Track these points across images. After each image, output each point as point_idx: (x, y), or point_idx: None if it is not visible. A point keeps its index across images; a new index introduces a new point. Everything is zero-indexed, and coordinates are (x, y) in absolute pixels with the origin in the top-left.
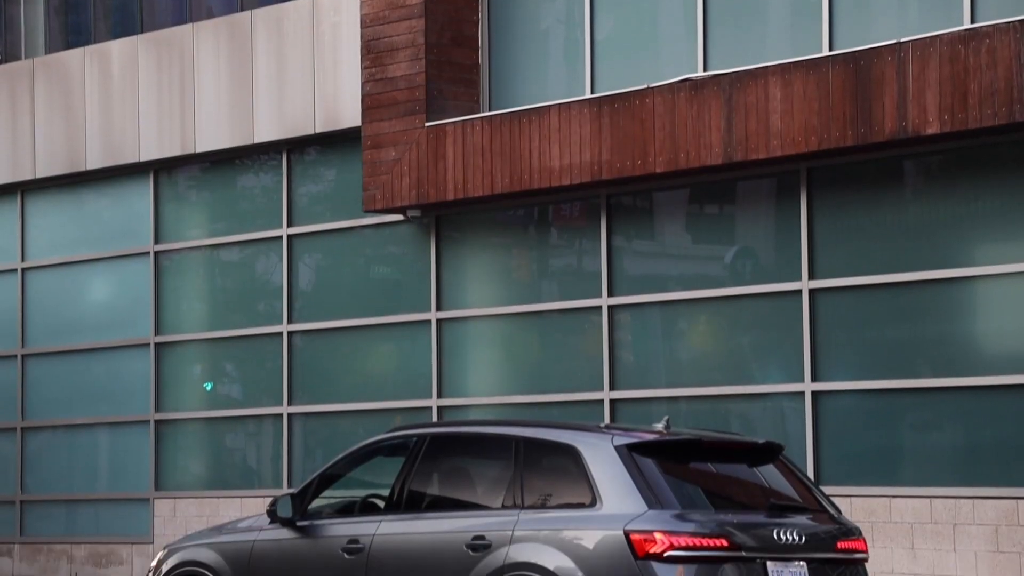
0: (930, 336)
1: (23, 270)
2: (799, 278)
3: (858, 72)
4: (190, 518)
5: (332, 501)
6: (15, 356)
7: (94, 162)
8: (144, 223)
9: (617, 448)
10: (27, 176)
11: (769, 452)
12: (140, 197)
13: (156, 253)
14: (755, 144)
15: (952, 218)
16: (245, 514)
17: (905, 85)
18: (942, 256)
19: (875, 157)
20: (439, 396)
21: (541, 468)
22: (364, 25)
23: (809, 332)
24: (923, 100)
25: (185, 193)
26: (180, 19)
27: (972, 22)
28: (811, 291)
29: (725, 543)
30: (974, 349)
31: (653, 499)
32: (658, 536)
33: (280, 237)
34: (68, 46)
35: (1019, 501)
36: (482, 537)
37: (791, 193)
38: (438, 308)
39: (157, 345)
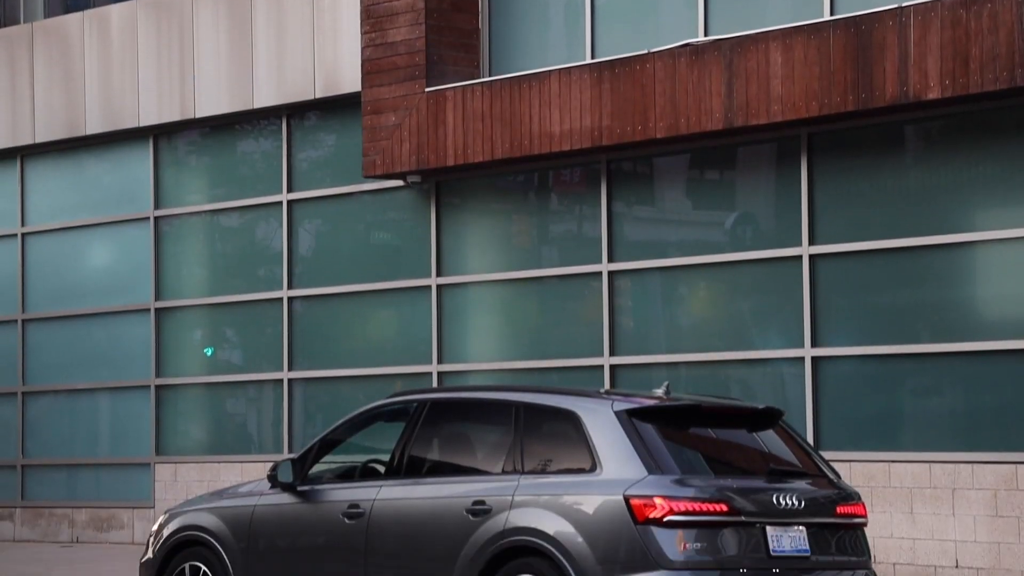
0: (930, 301)
1: (23, 235)
2: (799, 243)
3: (859, 37)
4: (191, 483)
5: (332, 466)
6: (15, 321)
7: (94, 127)
8: (144, 188)
9: (617, 414)
10: (27, 141)
11: (769, 417)
12: (140, 162)
13: (156, 218)
14: (756, 109)
15: (953, 183)
16: (246, 479)
17: (906, 50)
18: (942, 221)
19: (876, 122)
20: (439, 362)
21: (541, 433)
22: None
23: (809, 297)
24: (924, 65)
25: (185, 158)
26: None
27: None
28: (811, 256)
29: (725, 508)
30: (974, 314)
31: (653, 464)
32: (658, 501)
33: (280, 203)
34: (67, 10)
35: (1018, 466)
36: (482, 502)
37: (792, 159)
38: (438, 274)
39: (157, 310)
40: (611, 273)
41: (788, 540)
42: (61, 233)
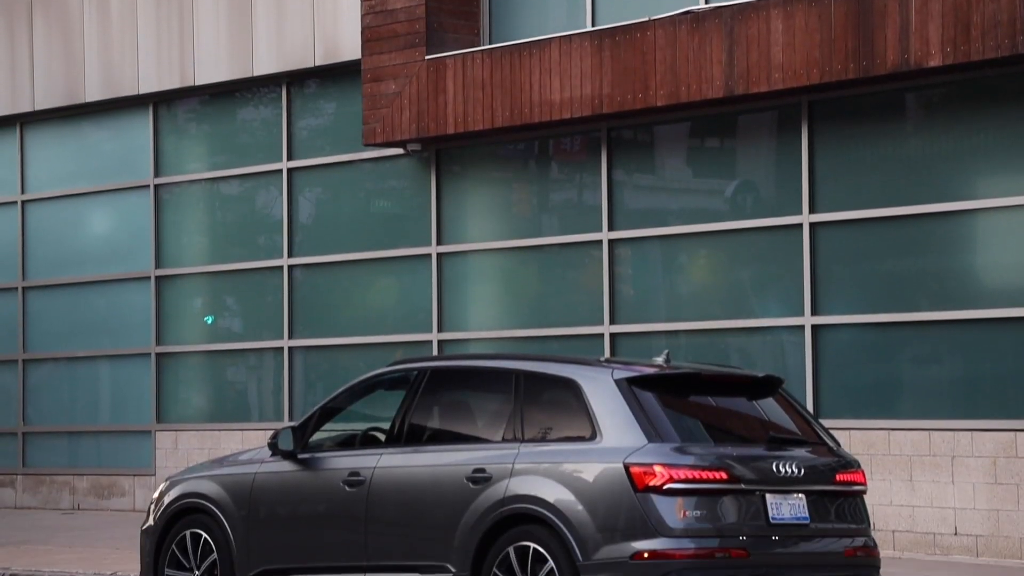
0: (930, 269)
1: (23, 202)
2: (800, 212)
3: (860, 4)
4: (191, 450)
5: (333, 434)
6: (16, 288)
7: (93, 94)
8: (144, 156)
9: (617, 382)
10: (26, 108)
11: (768, 385)
12: (140, 130)
13: (156, 186)
14: (756, 77)
15: (953, 151)
16: (246, 447)
17: (907, 17)
18: (943, 189)
19: (877, 90)
20: (439, 330)
21: (541, 402)
22: None
23: (809, 266)
24: (925, 32)
25: (185, 126)
26: None
27: None
28: (812, 225)
29: (724, 476)
30: (974, 282)
31: (653, 432)
32: (658, 469)
33: (280, 171)
34: None
35: (1017, 433)
36: (482, 470)
37: (792, 126)
38: (438, 242)
39: (158, 278)
40: (611, 241)
41: (788, 508)
42: (61, 201)
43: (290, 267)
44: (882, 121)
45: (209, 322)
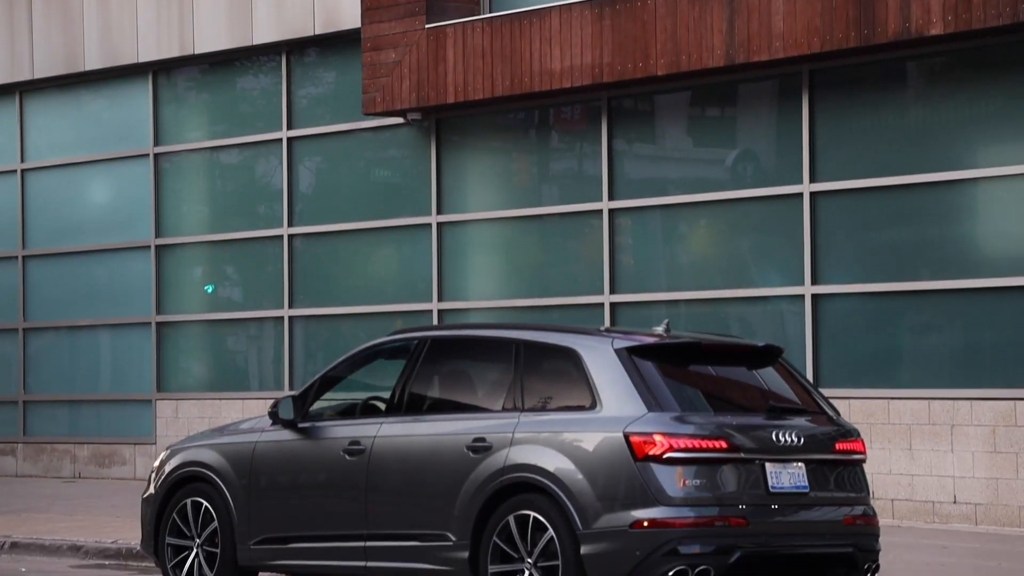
0: (930, 239)
1: (23, 171)
2: (800, 181)
3: None
4: (192, 419)
5: (333, 403)
6: (16, 257)
7: (92, 63)
8: (143, 125)
9: (617, 351)
10: (25, 77)
11: (768, 355)
12: (139, 99)
13: (156, 155)
14: (757, 46)
15: (954, 120)
16: (247, 416)
17: None
18: (944, 158)
19: (878, 59)
20: (439, 300)
21: (541, 371)
22: None
23: (809, 235)
24: (926, 1)
25: (184, 95)
26: None
27: None
28: (812, 194)
29: (724, 445)
30: (974, 251)
31: (653, 402)
32: (657, 438)
33: (280, 140)
34: None
35: (1017, 402)
36: (483, 439)
37: (793, 95)
38: (438, 212)
39: (158, 247)
40: (611, 211)
41: (787, 476)
42: (61, 170)
43: (290, 236)
44: (883, 90)
45: (209, 291)
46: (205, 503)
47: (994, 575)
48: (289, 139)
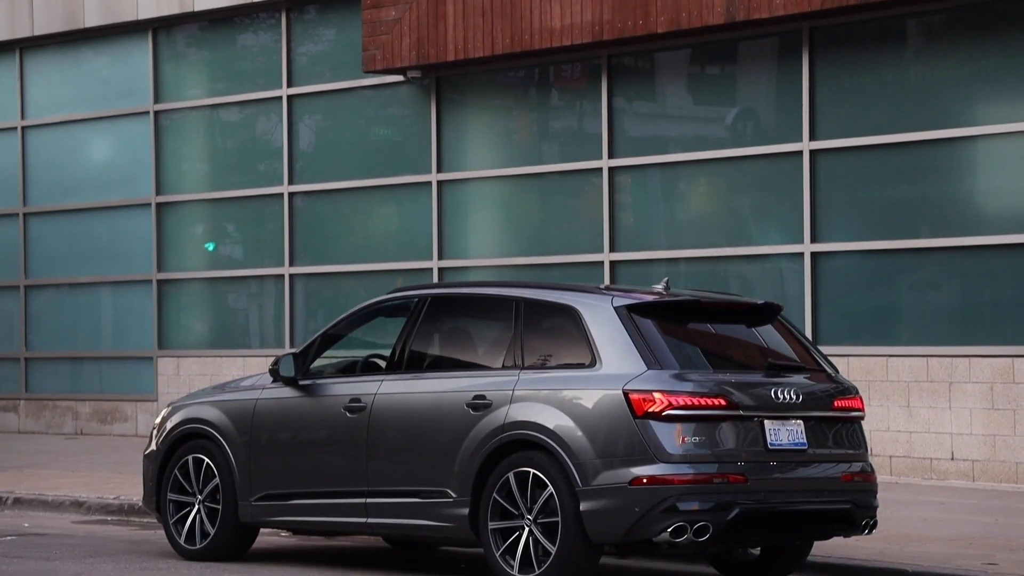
0: (930, 196)
1: (23, 128)
2: (800, 139)
3: None
4: (193, 376)
5: (334, 361)
6: (17, 215)
7: (92, 20)
8: (143, 82)
9: (617, 309)
10: (25, 33)
11: (767, 312)
12: (139, 56)
13: (156, 113)
14: (757, 3)
15: (954, 77)
16: (248, 373)
17: None
18: (944, 116)
19: (878, 16)
20: (440, 257)
21: (541, 329)
22: None
23: (809, 193)
24: None
25: (184, 52)
26: None
27: None
28: (812, 152)
29: (723, 402)
30: (973, 209)
31: (652, 359)
32: (656, 395)
33: (280, 97)
34: None
35: (1015, 359)
36: (483, 396)
37: (793, 53)
38: (439, 170)
39: (158, 205)
40: (611, 169)
41: (786, 433)
42: (61, 127)
43: (290, 194)
44: (883, 47)
45: (210, 249)
46: (206, 460)
47: (991, 531)
48: (289, 97)
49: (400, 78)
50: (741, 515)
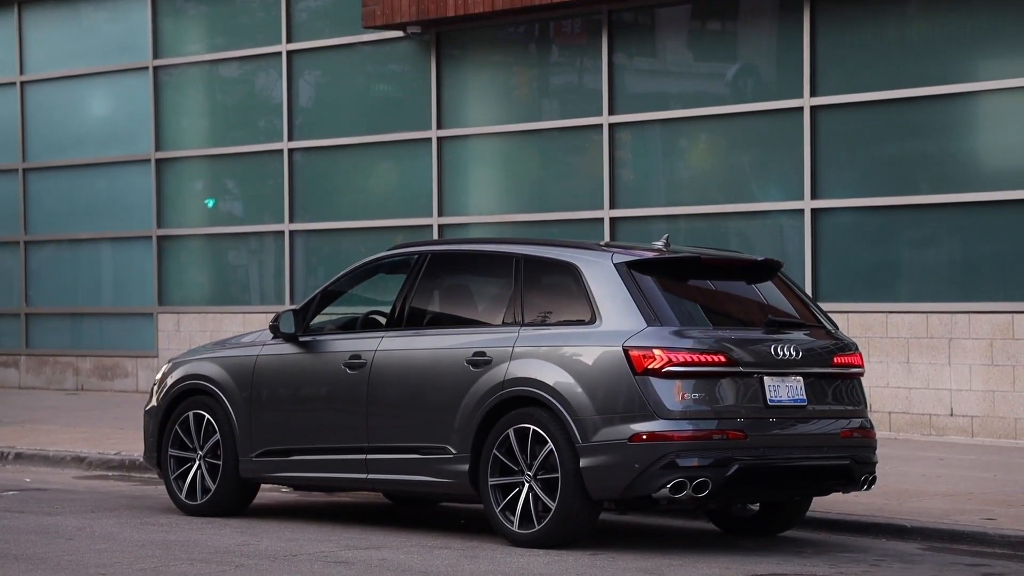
0: (930, 152)
1: (22, 83)
2: (800, 95)
3: None
4: (193, 332)
5: (334, 317)
6: (16, 170)
7: None
8: (142, 38)
9: (617, 266)
10: None
11: (767, 269)
12: (138, 11)
13: (155, 68)
14: None
15: (955, 33)
16: (248, 329)
17: None
18: (944, 71)
19: None
20: (440, 214)
21: (541, 286)
22: None
23: (809, 149)
24: None
25: (183, 7)
26: None
27: None
28: (812, 108)
29: (723, 359)
30: (974, 165)
31: (652, 316)
32: (656, 352)
33: (279, 53)
34: None
35: (1014, 315)
36: (483, 353)
37: (794, 9)
38: (439, 126)
39: (158, 161)
40: (612, 125)
41: (785, 390)
42: (60, 82)
43: (290, 151)
44: (884, 3)
45: (210, 205)
46: (207, 416)
47: (990, 486)
48: (289, 52)
49: (400, 34)
50: (740, 471)
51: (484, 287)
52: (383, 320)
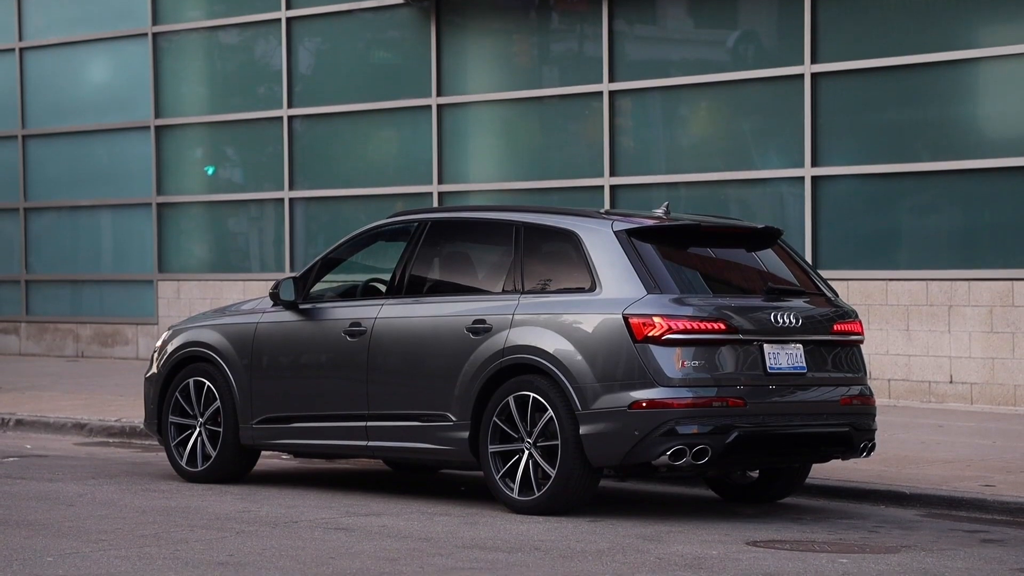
0: (931, 119)
1: (20, 49)
2: (801, 62)
3: None
4: (194, 300)
5: (334, 285)
6: (16, 136)
7: None
8: (141, 3)
9: (617, 233)
10: None
11: (768, 237)
12: None
13: (154, 34)
14: None
15: (956, 0)
16: (248, 297)
17: None
18: (946, 38)
19: None
20: (440, 182)
21: (541, 253)
22: None
23: (810, 117)
24: None
25: None
26: None
27: None
28: (813, 75)
29: (722, 326)
30: (974, 132)
31: (652, 283)
32: (656, 320)
33: (279, 20)
34: None
35: (1014, 283)
36: (483, 321)
37: None
38: (438, 93)
39: (157, 128)
40: (612, 93)
41: (785, 357)
42: (59, 48)
43: (290, 118)
44: None
45: (209, 172)
46: (207, 383)
47: (989, 453)
48: (288, 19)
49: (400, 0)
50: (740, 438)
51: (484, 255)
52: (383, 288)
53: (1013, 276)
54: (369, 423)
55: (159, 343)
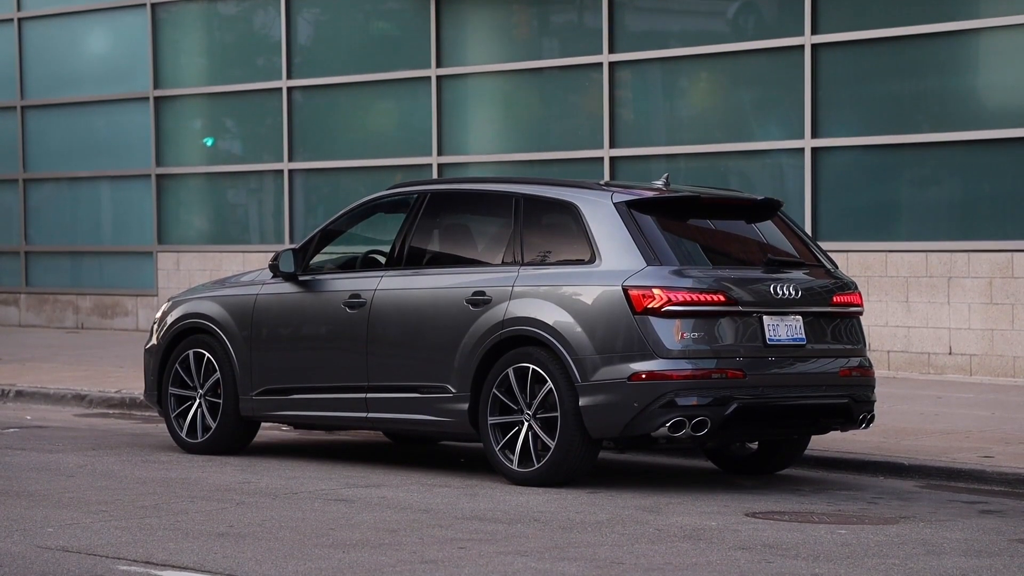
0: (931, 91)
1: (19, 20)
2: (801, 33)
3: None
4: (193, 271)
5: (333, 257)
6: (15, 108)
7: None
8: None
9: (616, 205)
10: None
11: (767, 208)
12: None
13: (153, 5)
14: None
15: None
16: (247, 268)
17: None
18: (946, 9)
19: None
20: (439, 153)
21: (541, 225)
22: None
23: (810, 88)
24: None
25: None
26: None
27: None
28: (813, 46)
29: (722, 298)
30: (974, 103)
31: (651, 255)
32: (656, 291)
33: None
34: None
35: (1014, 254)
36: (482, 292)
37: None
38: (438, 65)
39: (156, 99)
40: (612, 64)
41: (784, 329)
42: (58, 19)
43: (289, 89)
44: None
45: (209, 144)
46: (207, 354)
47: (988, 424)
48: None
49: None
50: (739, 410)
51: (484, 226)
52: (383, 260)
53: (1013, 247)
54: (369, 395)
55: (159, 315)
